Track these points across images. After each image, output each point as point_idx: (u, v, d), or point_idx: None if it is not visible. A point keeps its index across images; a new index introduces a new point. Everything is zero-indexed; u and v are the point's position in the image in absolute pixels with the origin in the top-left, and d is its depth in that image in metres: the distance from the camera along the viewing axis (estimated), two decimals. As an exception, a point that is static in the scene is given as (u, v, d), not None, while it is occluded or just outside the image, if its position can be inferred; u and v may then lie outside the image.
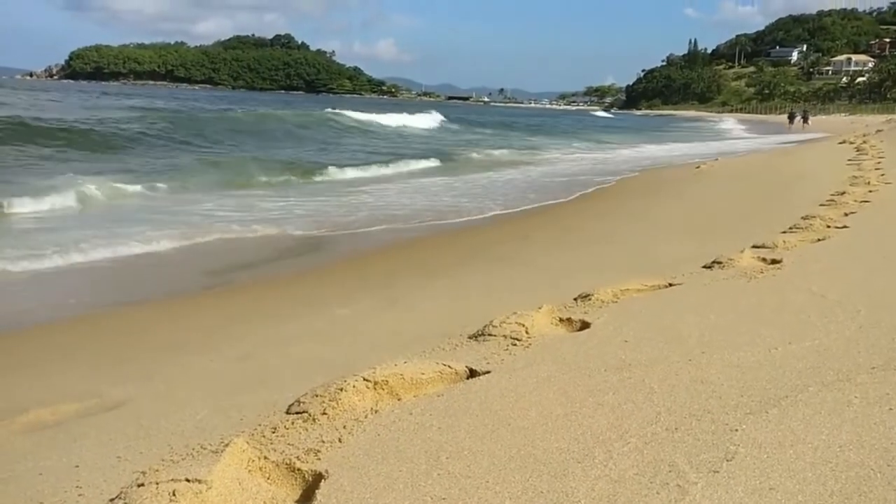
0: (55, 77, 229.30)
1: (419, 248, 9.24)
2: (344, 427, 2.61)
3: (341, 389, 2.86)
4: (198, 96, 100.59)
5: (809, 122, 63.18)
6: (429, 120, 48.06)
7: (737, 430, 2.47)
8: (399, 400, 2.90)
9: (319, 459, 2.38)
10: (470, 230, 10.67)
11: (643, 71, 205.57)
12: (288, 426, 2.66)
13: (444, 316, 5.21)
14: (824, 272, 5.22)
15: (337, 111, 45.61)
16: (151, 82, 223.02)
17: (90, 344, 5.23)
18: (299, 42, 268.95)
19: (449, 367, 3.18)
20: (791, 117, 66.02)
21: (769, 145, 35.29)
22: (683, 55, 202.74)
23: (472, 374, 3.18)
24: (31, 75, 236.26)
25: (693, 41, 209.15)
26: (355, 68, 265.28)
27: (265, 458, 2.41)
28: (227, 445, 2.42)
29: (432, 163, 22.22)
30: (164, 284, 7.19)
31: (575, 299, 4.62)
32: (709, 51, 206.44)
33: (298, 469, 2.35)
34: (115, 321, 5.87)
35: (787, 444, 2.36)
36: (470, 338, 3.83)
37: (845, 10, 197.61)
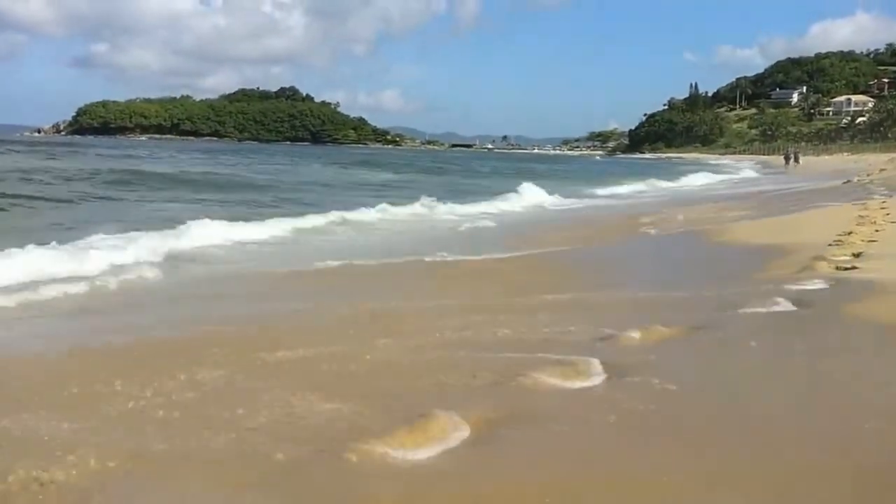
0: (63, 133, 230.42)
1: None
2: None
3: None
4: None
5: (800, 161, 73.71)
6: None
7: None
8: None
9: None
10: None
11: (645, 115, 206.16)
12: None
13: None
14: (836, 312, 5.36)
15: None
16: (158, 136, 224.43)
17: None
18: (304, 94, 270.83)
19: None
20: (787, 158, 76.54)
21: (773, 186, 35.36)
22: (685, 98, 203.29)
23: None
24: (38, 132, 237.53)
25: (694, 84, 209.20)
26: (360, 118, 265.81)
27: None
28: None
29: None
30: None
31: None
32: (710, 94, 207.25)
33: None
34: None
35: None
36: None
37: (843, 52, 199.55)
